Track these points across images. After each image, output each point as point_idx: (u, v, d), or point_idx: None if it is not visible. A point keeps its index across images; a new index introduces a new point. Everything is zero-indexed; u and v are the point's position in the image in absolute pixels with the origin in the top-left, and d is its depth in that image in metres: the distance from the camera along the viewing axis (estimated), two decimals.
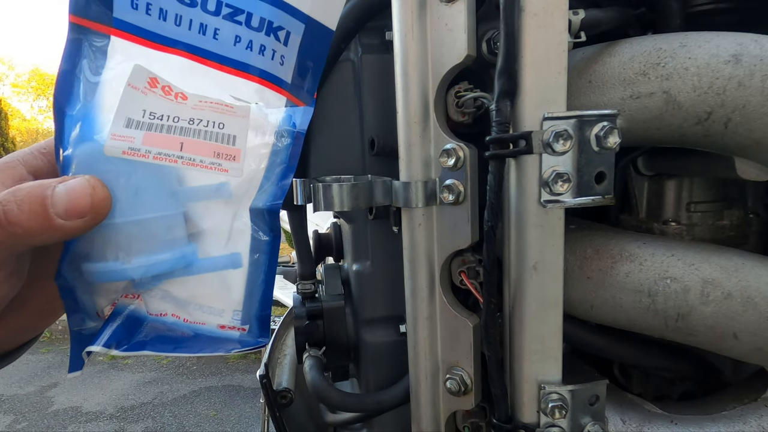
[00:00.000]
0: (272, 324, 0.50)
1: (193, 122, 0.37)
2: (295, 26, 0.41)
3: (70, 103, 0.35)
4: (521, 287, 0.38)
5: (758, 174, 0.39)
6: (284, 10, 0.40)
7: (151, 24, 0.37)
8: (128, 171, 0.34)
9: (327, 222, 0.76)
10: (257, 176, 0.38)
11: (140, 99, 0.36)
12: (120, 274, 0.35)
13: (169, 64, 0.38)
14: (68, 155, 0.34)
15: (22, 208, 0.30)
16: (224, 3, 0.38)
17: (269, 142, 0.39)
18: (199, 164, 0.37)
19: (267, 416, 0.76)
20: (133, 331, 0.37)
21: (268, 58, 0.41)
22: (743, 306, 0.36)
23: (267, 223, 0.39)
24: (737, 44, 0.34)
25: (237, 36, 0.39)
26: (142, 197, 0.35)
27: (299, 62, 0.43)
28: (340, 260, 0.65)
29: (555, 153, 0.34)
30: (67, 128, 0.34)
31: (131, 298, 0.38)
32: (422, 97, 0.39)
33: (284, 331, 0.77)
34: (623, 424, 0.43)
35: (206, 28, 0.39)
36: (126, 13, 0.37)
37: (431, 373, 0.43)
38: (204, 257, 0.38)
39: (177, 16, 0.38)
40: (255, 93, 0.41)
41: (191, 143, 0.37)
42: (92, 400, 3.57)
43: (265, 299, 0.39)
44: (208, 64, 0.39)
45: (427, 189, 0.40)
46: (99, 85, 0.36)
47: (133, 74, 0.36)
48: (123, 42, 0.37)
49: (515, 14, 0.34)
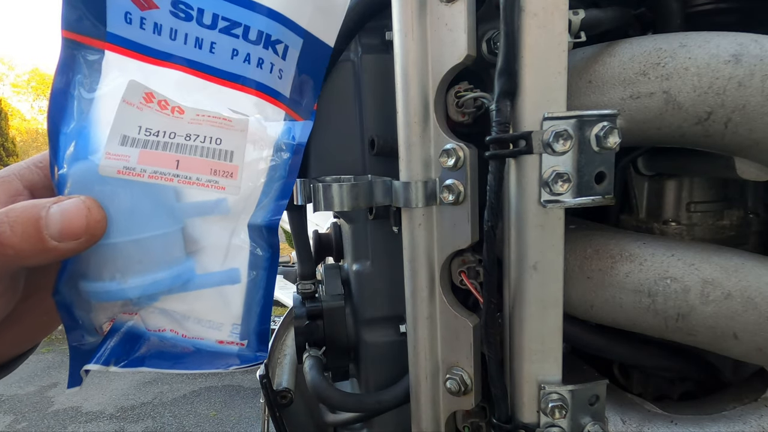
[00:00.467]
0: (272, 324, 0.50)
1: (189, 138, 0.36)
2: (293, 40, 0.41)
3: (64, 120, 0.34)
4: (521, 287, 0.38)
5: (758, 174, 0.39)
6: (282, 23, 0.40)
7: (146, 38, 0.37)
8: (124, 190, 0.34)
9: (327, 222, 0.76)
10: (255, 192, 0.38)
11: (136, 115, 0.35)
12: (117, 294, 0.34)
13: (166, 79, 0.38)
14: (63, 174, 0.33)
15: (14, 230, 0.29)
16: (220, 16, 0.38)
17: (268, 157, 0.39)
18: (196, 182, 0.36)
19: (267, 416, 0.76)
20: (132, 347, 0.37)
21: (267, 72, 0.40)
22: (743, 306, 0.36)
23: (265, 239, 0.39)
24: (737, 44, 0.34)
25: (234, 49, 0.39)
26: (138, 216, 0.34)
27: (297, 76, 0.42)
28: (340, 260, 0.65)
29: (555, 153, 0.34)
30: (62, 146, 0.34)
31: (129, 315, 0.37)
32: (422, 97, 0.39)
33: (284, 331, 0.77)
34: (623, 424, 0.43)
35: (202, 41, 0.38)
36: (120, 28, 0.36)
37: (431, 373, 0.43)
38: (202, 273, 0.38)
39: (172, 30, 0.37)
40: (253, 106, 0.40)
41: (187, 161, 0.36)
42: (92, 400, 3.57)
43: (264, 314, 0.39)
44: (205, 78, 0.39)
45: (427, 189, 0.40)
46: (94, 102, 0.35)
47: (128, 90, 0.35)
48: (117, 57, 0.36)
49: (515, 14, 0.34)
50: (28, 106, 21.51)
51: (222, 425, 3.18)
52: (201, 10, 0.37)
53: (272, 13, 0.39)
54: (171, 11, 0.37)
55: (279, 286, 2.57)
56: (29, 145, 18.56)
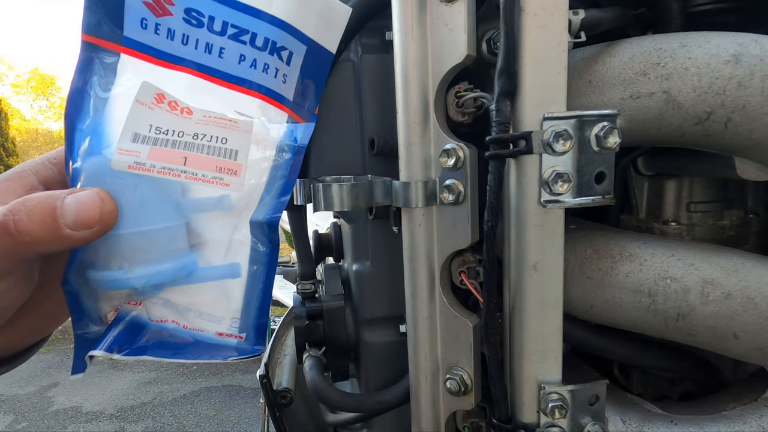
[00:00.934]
0: (272, 324, 0.50)
1: (197, 137, 0.38)
2: (298, 47, 0.43)
3: (80, 117, 0.36)
4: (521, 287, 0.38)
5: (758, 174, 0.39)
6: (287, 31, 0.42)
7: (160, 43, 0.39)
8: (134, 184, 0.36)
9: (327, 222, 0.76)
10: (258, 190, 0.40)
11: (147, 114, 0.37)
12: (123, 282, 0.36)
13: (177, 81, 0.40)
14: (77, 168, 0.35)
15: (32, 218, 0.30)
16: (230, 24, 0.40)
17: (270, 156, 0.40)
18: (202, 178, 0.38)
19: (267, 416, 0.76)
20: (135, 336, 0.38)
21: (271, 76, 0.42)
22: (743, 306, 0.36)
23: (266, 235, 0.40)
24: (737, 44, 0.34)
25: (242, 55, 0.41)
26: (146, 209, 0.36)
27: (300, 81, 0.44)
28: (340, 260, 0.65)
29: (555, 153, 0.34)
30: (77, 142, 0.35)
31: (134, 305, 0.39)
32: (422, 97, 0.39)
33: (284, 331, 0.77)
34: (623, 424, 0.43)
35: (212, 47, 0.40)
36: (136, 32, 0.38)
37: (431, 373, 0.43)
38: (205, 266, 0.39)
39: (184, 36, 0.39)
40: (258, 108, 0.42)
41: (194, 158, 0.38)
42: (92, 400, 3.57)
43: (263, 308, 0.41)
44: (213, 81, 0.41)
45: (427, 189, 0.40)
46: (108, 101, 0.37)
47: (141, 90, 0.37)
48: (132, 59, 0.39)
49: (515, 14, 0.34)
50: (28, 106, 21.52)
51: (222, 425, 3.18)
52: (212, 18, 0.39)
53: (278, 21, 0.41)
54: (184, 18, 0.39)
55: (279, 286, 2.57)
56: (29, 145, 18.58)
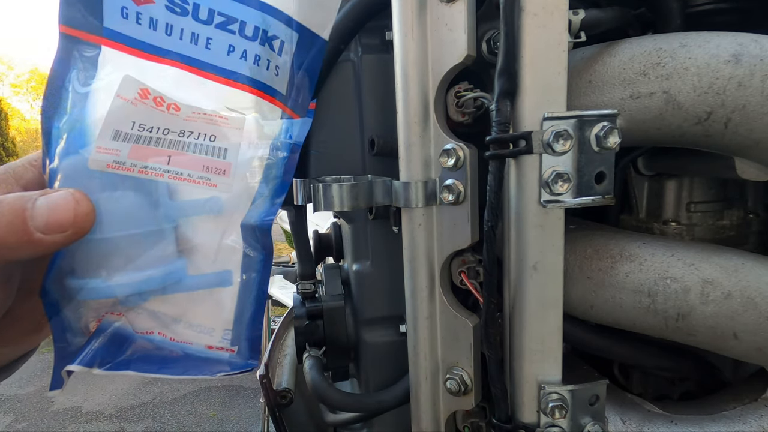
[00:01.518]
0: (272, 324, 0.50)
1: (183, 134, 0.36)
2: (288, 35, 0.41)
3: (57, 114, 0.34)
4: (521, 287, 0.38)
5: (758, 174, 0.39)
6: (278, 18, 0.39)
7: (142, 33, 0.36)
8: (113, 185, 0.33)
9: (327, 222, 0.76)
10: (250, 191, 0.37)
11: (129, 110, 0.35)
12: (103, 291, 0.34)
13: (164, 75, 0.37)
14: (54, 168, 0.33)
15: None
16: (216, 11, 0.37)
17: (263, 155, 0.38)
18: (187, 178, 0.36)
19: (267, 416, 0.76)
20: (118, 349, 0.36)
21: (263, 68, 0.40)
22: (743, 306, 0.36)
23: (259, 240, 0.38)
24: (737, 44, 0.34)
25: (231, 45, 0.38)
26: (127, 212, 0.34)
27: (293, 73, 0.42)
28: (340, 260, 0.65)
29: (555, 153, 0.34)
30: (54, 141, 0.33)
31: (117, 315, 0.36)
32: (422, 97, 0.39)
33: (284, 331, 0.77)
34: (623, 424, 0.43)
35: (198, 37, 0.37)
36: (116, 23, 0.35)
37: (431, 373, 0.43)
38: (194, 273, 0.37)
39: (168, 26, 0.37)
40: (250, 104, 0.40)
41: (179, 157, 0.35)
42: (92, 400, 3.57)
43: (256, 320, 0.38)
44: (201, 75, 0.38)
45: (427, 189, 0.40)
46: (88, 96, 0.34)
47: (123, 84, 0.34)
48: (114, 52, 0.36)
49: (515, 14, 0.34)
50: (28, 106, 21.52)
51: (222, 425, 3.18)
52: (197, 5, 0.37)
53: (267, 7, 0.39)
54: (166, 6, 0.36)
55: (279, 286, 2.57)
56: (29, 145, 18.56)
